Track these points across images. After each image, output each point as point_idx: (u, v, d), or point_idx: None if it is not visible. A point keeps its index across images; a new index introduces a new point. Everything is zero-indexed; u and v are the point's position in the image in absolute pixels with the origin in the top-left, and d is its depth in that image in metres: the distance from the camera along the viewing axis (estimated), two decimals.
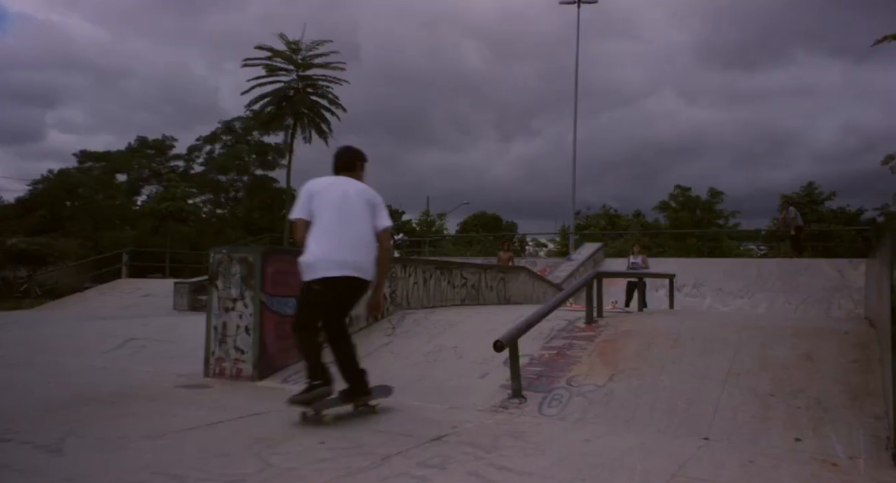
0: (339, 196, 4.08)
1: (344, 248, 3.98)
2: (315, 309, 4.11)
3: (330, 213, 4.02)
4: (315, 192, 4.11)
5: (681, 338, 5.70)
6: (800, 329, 5.67)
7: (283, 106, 29.86)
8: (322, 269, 3.97)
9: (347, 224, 4.02)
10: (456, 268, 8.69)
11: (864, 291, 15.96)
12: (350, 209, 4.06)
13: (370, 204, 4.17)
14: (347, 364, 4.26)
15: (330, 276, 3.95)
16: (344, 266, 3.97)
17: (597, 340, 5.87)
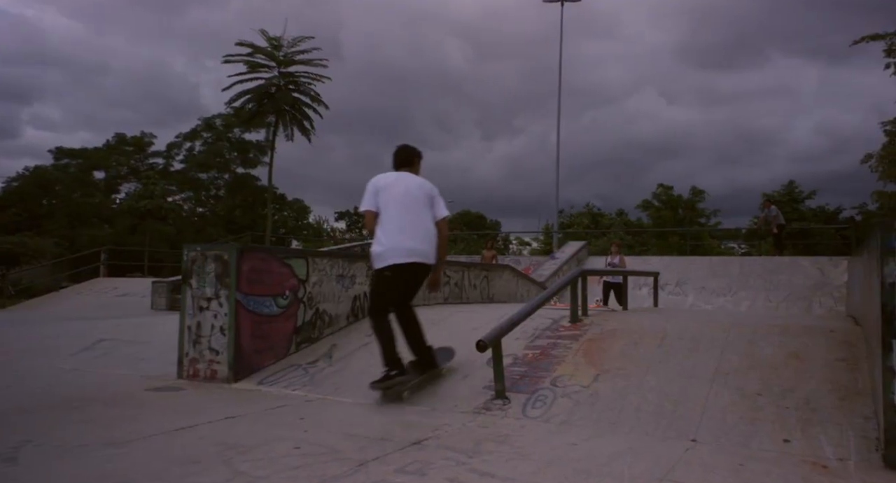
0: (402, 191, 4.56)
1: (409, 237, 4.46)
2: (387, 294, 4.60)
3: (395, 207, 4.50)
4: (380, 187, 4.57)
5: (667, 336, 5.60)
6: (786, 327, 5.60)
7: (264, 103, 29.45)
8: (392, 257, 4.47)
9: (411, 216, 4.50)
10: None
11: (844, 289, 16.15)
12: (412, 202, 4.53)
13: (429, 196, 4.66)
14: (416, 341, 4.83)
15: (399, 262, 4.46)
16: (411, 254, 4.47)
17: (582, 339, 5.75)
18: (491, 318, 6.29)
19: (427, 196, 4.64)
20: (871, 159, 18.44)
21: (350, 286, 6.81)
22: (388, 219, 4.49)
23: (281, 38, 28.82)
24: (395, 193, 4.53)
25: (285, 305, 5.95)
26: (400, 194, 4.53)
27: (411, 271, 4.55)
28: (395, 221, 4.47)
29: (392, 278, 4.52)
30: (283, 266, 5.98)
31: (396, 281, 4.54)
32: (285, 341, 5.93)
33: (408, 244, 4.47)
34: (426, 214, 4.61)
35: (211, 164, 33.43)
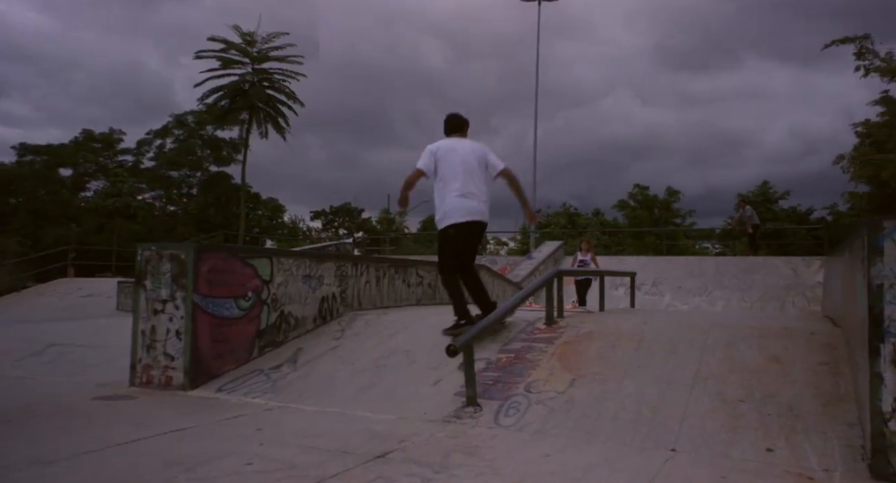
0: (459, 157, 5.00)
1: (468, 199, 4.92)
2: (452, 251, 5.12)
3: (454, 172, 4.93)
4: (439, 155, 5.01)
5: (645, 339, 5.42)
6: (766, 329, 5.46)
7: (237, 100, 28.88)
8: (454, 216, 4.95)
9: (469, 179, 4.94)
10: (411, 266, 8.28)
11: (817, 289, 16.27)
12: (469, 167, 4.98)
13: (482, 158, 5.10)
14: (479, 293, 5.38)
15: (461, 221, 4.95)
16: (469, 213, 4.96)
17: (557, 342, 5.55)
18: None
19: (480, 159, 5.10)
20: (843, 160, 18.66)
21: (317, 287, 6.53)
22: (449, 183, 4.95)
23: (254, 33, 28.28)
24: (453, 160, 4.97)
25: (247, 307, 5.65)
26: (458, 161, 4.98)
27: (470, 229, 5.05)
28: (456, 185, 4.94)
29: (454, 236, 5.05)
30: (245, 266, 5.68)
31: (458, 238, 5.07)
32: (247, 345, 5.63)
33: (467, 205, 4.96)
34: (481, 176, 5.07)
35: (182, 162, 32.64)
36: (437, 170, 5.03)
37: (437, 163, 5.02)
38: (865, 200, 18.69)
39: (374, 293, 7.48)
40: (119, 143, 32.11)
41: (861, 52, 17.98)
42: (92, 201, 30.54)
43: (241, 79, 29.01)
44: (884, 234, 3.34)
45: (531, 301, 8.09)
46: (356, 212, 43.38)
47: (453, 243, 5.12)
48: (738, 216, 19.32)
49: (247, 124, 29.81)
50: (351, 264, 7.11)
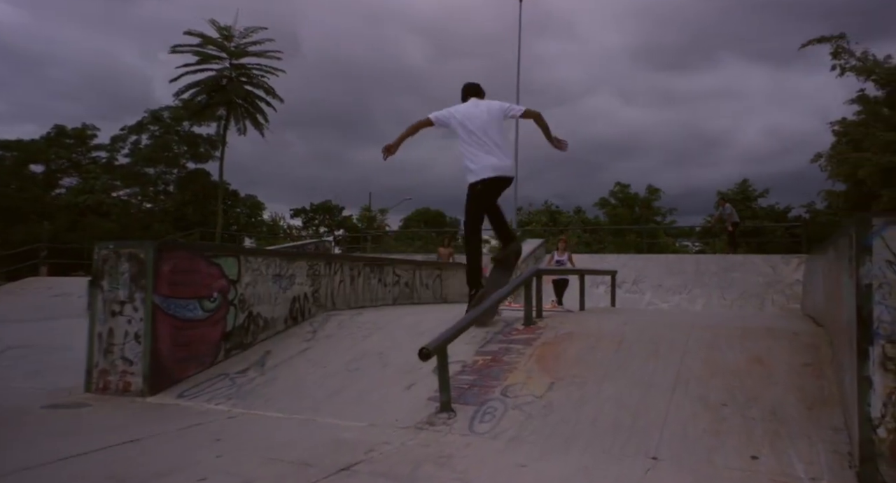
0: (479, 116, 5.21)
1: (494, 156, 5.12)
2: (481, 205, 5.32)
3: (478, 131, 5.14)
4: (459, 116, 5.24)
5: (625, 340, 5.27)
6: (748, 329, 5.33)
7: (214, 95, 28.37)
8: (481, 173, 5.12)
9: (490, 135, 5.14)
10: (388, 265, 8.07)
11: (796, 287, 16.31)
12: (490, 124, 5.17)
13: (500, 112, 5.28)
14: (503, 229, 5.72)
15: (487, 177, 5.12)
16: (495, 169, 5.13)
17: (536, 344, 5.37)
18: (441, 320, 5.87)
19: (498, 117, 5.29)
20: (821, 159, 18.76)
21: (288, 287, 6.29)
22: (472, 142, 5.16)
23: (232, 28, 27.78)
24: (475, 120, 5.19)
25: (213, 309, 5.40)
26: (479, 120, 5.19)
27: (497, 183, 5.24)
28: (480, 143, 5.15)
29: (482, 190, 5.23)
30: (210, 265, 5.43)
31: (486, 192, 5.26)
32: (212, 348, 5.38)
33: (492, 161, 5.15)
34: (502, 131, 5.27)
35: (158, 159, 31.96)
36: (459, 131, 5.23)
37: (458, 123, 5.23)
38: (842, 199, 18.82)
39: (348, 293, 7.25)
40: (93, 138, 31.37)
41: (837, 52, 18.09)
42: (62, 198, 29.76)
43: (218, 74, 28.51)
44: (872, 231, 3.20)
45: (510, 300, 7.92)
46: (337, 210, 42.96)
47: (480, 199, 5.30)
48: (718, 214, 19.34)
49: (224, 120, 29.29)
50: (324, 263, 6.88)
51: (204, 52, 27.92)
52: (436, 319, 6.25)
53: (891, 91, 17.57)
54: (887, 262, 3.16)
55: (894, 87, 17.40)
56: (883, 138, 16.90)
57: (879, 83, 17.65)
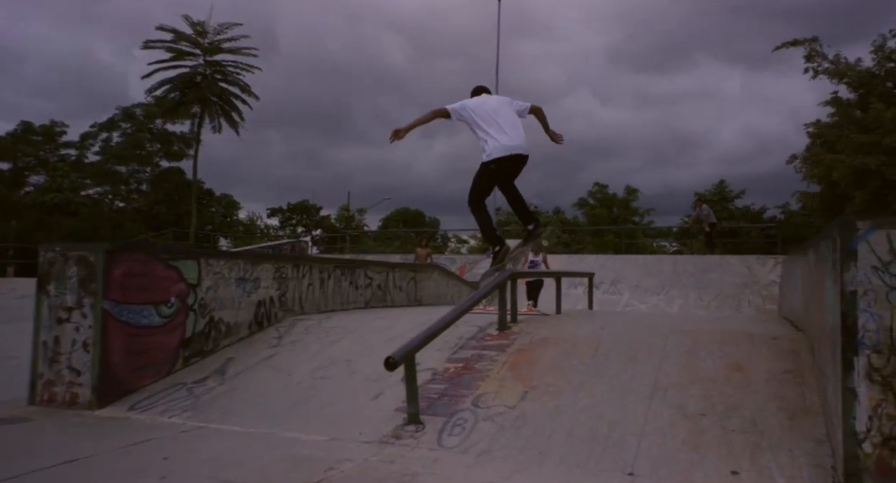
0: (492, 105, 5.56)
1: (507, 138, 5.35)
2: (487, 184, 5.60)
3: (491, 118, 5.43)
4: (471, 108, 5.52)
5: (602, 345, 5.10)
6: (727, 334, 5.19)
7: (188, 92, 27.79)
8: (494, 152, 5.33)
9: (504, 121, 5.43)
10: (359, 267, 7.82)
11: (772, 287, 16.38)
12: (502, 111, 5.51)
13: (510, 103, 5.66)
14: (522, 208, 5.89)
15: (501, 156, 5.34)
16: (509, 149, 5.35)
17: (510, 350, 5.18)
18: (414, 324, 5.67)
19: (509, 104, 5.65)
20: (796, 160, 18.88)
21: (253, 291, 6.02)
22: (487, 128, 5.42)
23: (206, 23, 27.21)
24: (487, 109, 5.50)
25: (170, 314, 5.11)
26: (491, 108, 5.52)
27: (512, 161, 5.44)
28: (494, 127, 5.40)
29: (494, 170, 5.43)
30: (168, 269, 5.14)
31: (497, 172, 5.46)
32: (169, 356, 5.09)
33: (506, 142, 5.36)
34: (514, 116, 5.55)
35: (130, 157, 31.17)
36: (472, 122, 5.49)
37: (469, 115, 5.50)
38: (817, 200, 18.95)
39: (317, 296, 6.99)
40: (62, 135, 30.49)
41: (810, 55, 18.24)
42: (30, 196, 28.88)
43: (192, 70, 27.92)
44: (857, 235, 3.06)
45: (485, 303, 7.72)
46: (314, 209, 42.45)
47: (490, 177, 5.53)
48: (696, 215, 19.36)
49: (198, 118, 28.70)
50: (291, 265, 6.61)
51: (177, 48, 27.31)
52: (408, 323, 6.03)
53: (863, 94, 17.75)
54: (873, 267, 3.02)
55: (866, 90, 17.57)
56: (856, 140, 17.05)
57: (852, 86, 17.83)
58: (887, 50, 17.41)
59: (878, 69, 17.68)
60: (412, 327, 5.45)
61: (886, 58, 17.55)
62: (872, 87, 17.68)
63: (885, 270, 3.00)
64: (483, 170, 5.47)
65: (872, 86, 17.67)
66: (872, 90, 17.65)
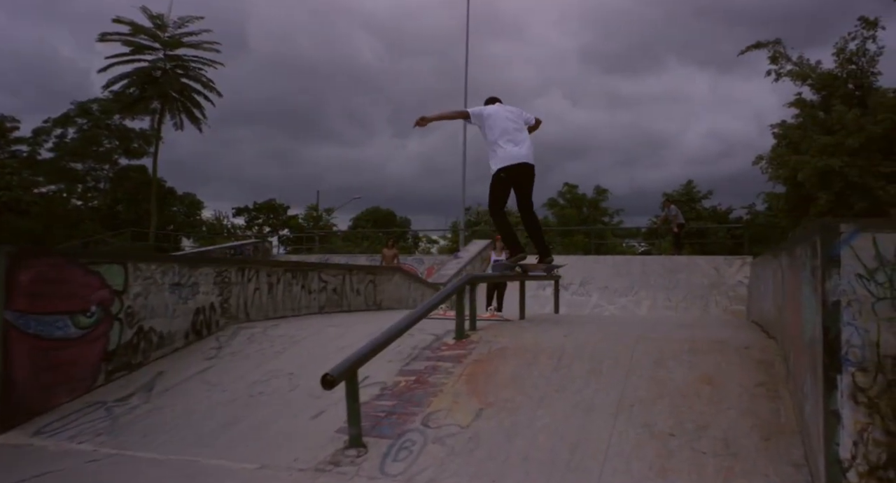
0: (504, 115, 5.81)
1: (516, 145, 5.65)
2: (501, 192, 5.76)
3: (502, 127, 5.72)
4: (486, 114, 5.80)
5: (565, 355, 4.76)
6: (696, 342, 4.89)
7: (147, 87, 26.83)
8: (505, 160, 5.60)
9: (513, 130, 5.71)
10: (312, 269, 7.35)
11: (739, 288, 16.35)
12: (513, 121, 5.78)
13: (520, 114, 5.95)
14: (537, 233, 6.12)
15: (510, 164, 5.60)
16: (517, 157, 5.62)
17: (467, 361, 4.81)
18: (368, 331, 5.26)
19: (519, 115, 5.95)
20: (762, 161, 18.94)
21: (191, 297, 5.53)
22: (498, 136, 5.72)
23: (165, 16, 26.29)
24: (500, 118, 5.80)
25: (89, 325, 4.60)
26: (503, 118, 5.80)
27: (520, 170, 5.71)
28: (506, 136, 5.71)
29: (504, 178, 5.71)
30: (88, 274, 4.63)
31: (508, 180, 5.73)
32: (89, 372, 4.59)
33: (514, 151, 5.67)
34: (523, 126, 5.88)
35: (86, 153, 29.95)
36: (485, 128, 5.80)
37: (485, 121, 5.81)
38: (783, 201, 19.03)
39: (265, 302, 6.52)
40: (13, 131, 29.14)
41: (774, 57, 18.31)
42: None
43: (151, 65, 26.96)
44: (840, 240, 2.75)
45: (444, 308, 7.33)
46: (281, 209, 41.56)
47: (503, 185, 5.77)
48: (664, 215, 19.31)
49: (158, 114, 27.74)
50: (236, 269, 6.13)
51: (136, 41, 26.32)
52: (362, 331, 5.62)
53: (826, 96, 17.87)
54: (857, 276, 2.71)
55: (829, 92, 17.70)
56: (820, 141, 17.14)
57: (815, 88, 17.95)
58: (848, 52, 17.56)
59: (841, 71, 17.83)
60: (365, 335, 5.03)
61: (848, 60, 17.70)
62: (835, 88, 17.82)
63: (871, 279, 2.69)
64: (495, 178, 5.78)
65: (835, 87, 17.81)
66: (835, 92, 17.79)
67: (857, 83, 17.90)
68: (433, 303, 4.90)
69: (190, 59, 27.73)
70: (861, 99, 17.81)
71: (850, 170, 16.54)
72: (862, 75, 17.64)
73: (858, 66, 17.50)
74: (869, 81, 17.75)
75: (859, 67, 17.52)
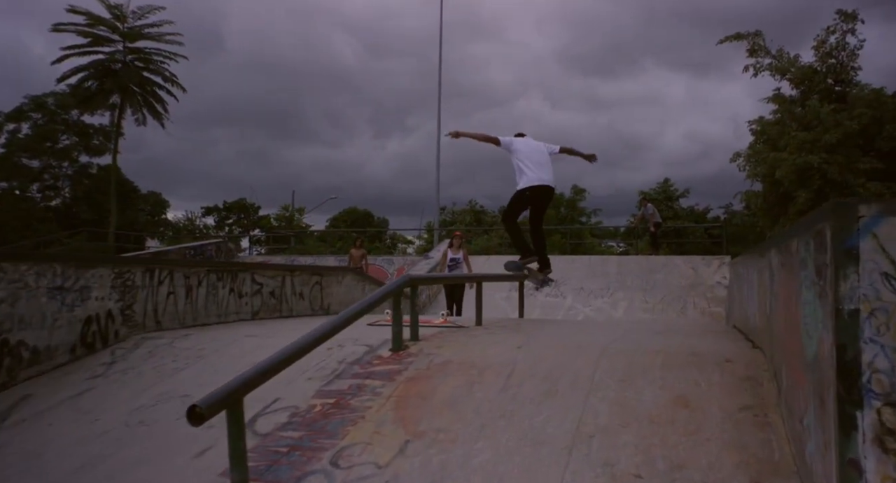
0: (533, 147, 6.64)
1: (540, 170, 6.46)
2: (521, 207, 6.61)
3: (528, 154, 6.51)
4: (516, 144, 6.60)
5: (516, 372, 4.00)
6: (670, 355, 4.17)
7: (105, 81, 25.62)
8: (531, 181, 6.38)
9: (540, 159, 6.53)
10: (243, 270, 6.51)
11: (717, 289, 15.83)
12: (539, 152, 6.60)
13: (545, 147, 6.72)
14: (542, 247, 6.84)
15: (534, 185, 6.39)
16: (541, 180, 6.41)
17: (399, 379, 4.03)
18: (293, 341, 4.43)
19: (544, 147, 6.67)
20: (739, 158, 18.39)
21: (79, 303, 4.68)
22: (528, 162, 6.40)
23: (124, 6, 25.10)
24: (527, 147, 6.53)
25: None
26: (530, 148, 6.54)
27: (542, 191, 6.42)
28: (533, 163, 6.40)
29: (529, 196, 6.39)
30: None
31: (532, 198, 6.43)
32: None
33: (539, 174, 6.37)
34: (547, 158, 6.58)
35: (41, 150, 28.59)
36: (514, 154, 6.50)
37: (514, 150, 6.52)
38: (761, 199, 18.50)
39: (182, 308, 5.67)
40: None
41: (754, 49, 17.78)
42: None
43: (109, 57, 25.74)
44: (859, 227, 2.02)
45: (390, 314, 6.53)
46: (252, 208, 40.33)
47: (525, 202, 6.50)
48: (641, 214, 18.72)
49: (119, 109, 26.53)
50: (142, 271, 5.28)
51: (92, 32, 25.07)
52: (285, 341, 4.80)
53: (804, 91, 17.37)
54: (884, 275, 1.98)
55: (808, 87, 17.21)
56: (799, 138, 16.64)
57: (794, 83, 17.44)
58: (828, 46, 17.09)
59: (820, 65, 17.35)
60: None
61: (828, 54, 17.23)
62: (814, 83, 17.33)
63: None
64: (518, 195, 6.49)
65: (814, 82, 17.33)
66: (815, 87, 17.30)
67: (837, 78, 17.43)
68: (362, 306, 4.10)
69: (152, 52, 26.55)
70: (841, 94, 17.35)
71: (828, 167, 16.07)
72: (842, 70, 17.16)
73: (838, 60, 17.02)
74: (849, 76, 17.29)
75: (839, 62, 17.04)
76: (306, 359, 3.96)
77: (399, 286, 4.61)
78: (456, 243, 9.47)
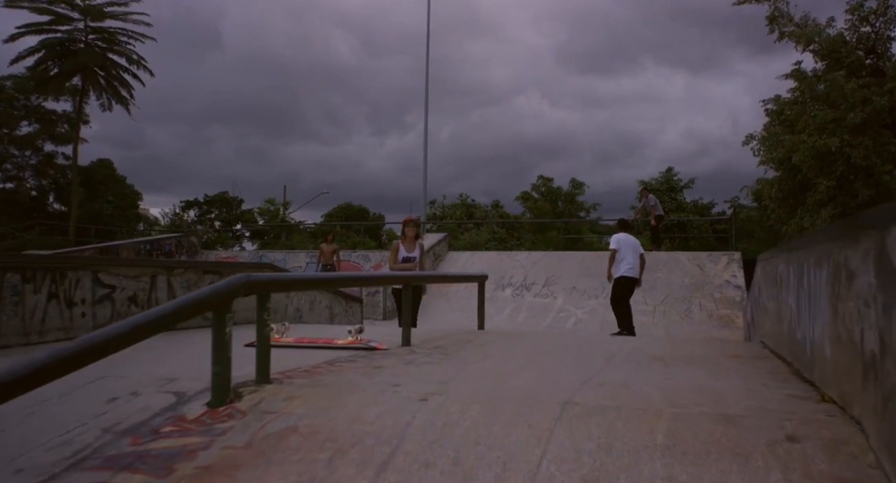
0: (631, 245, 8.91)
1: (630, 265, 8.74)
2: (623, 291, 8.85)
3: (628, 252, 8.80)
4: (621, 242, 8.90)
5: (398, 454, 2.17)
6: (680, 419, 2.32)
7: (64, 62, 23.75)
8: (625, 271, 8.68)
9: (632, 256, 8.81)
10: (82, 267, 4.64)
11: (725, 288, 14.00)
12: (632, 251, 8.86)
13: (636, 245, 9.02)
14: (628, 321, 8.88)
15: (627, 275, 8.69)
16: (631, 271, 8.74)
17: (182, 473, 2.18)
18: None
19: (636, 246, 8.97)
20: (752, 140, 16.38)
21: None
22: (625, 256, 8.79)
23: None
24: (627, 246, 8.84)
25: None
26: (628, 246, 8.84)
27: (628, 279, 8.74)
28: (628, 258, 8.77)
29: (623, 282, 8.75)
30: None
31: (626, 283, 8.76)
32: None
33: (630, 267, 8.72)
34: (636, 254, 8.86)
35: None
36: (621, 248, 8.80)
37: (622, 247, 8.80)
38: (775, 188, 16.48)
39: None
40: None
41: (773, 17, 15.75)
42: None
43: (68, 36, 23.85)
44: None
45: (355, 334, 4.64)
46: (235, 202, 38.45)
47: (620, 286, 8.81)
48: (641, 206, 16.74)
49: (80, 93, 24.67)
50: None
51: (48, 8, 23.15)
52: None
53: (830, 64, 15.32)
54: None
55: (834, 60, 15.15)
56: (819, 118, 14.57)
57: (819, 54, 15.36)
58: (866, 10, 14.89)
59: (851, 34, 15.25)
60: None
61: (863, 19, 15.05)
62: (842, 55, 15.21)
63: None
64: (616, 281, 8.78)
65: (843, 54, 15.21)
66: (843, 59, 15.17)
67: (870, 48, 15.26)
68: (96, 340, 2.24)
69: (116, 31, 24.63)
70: (874, 68, 15.26)
71: (851, 150, 14.07)
72: (877, 39, 15.00)
73: (875, 27, 14.86)
74: (885, 47, 15.12)
75: (875, 30, 14.89)
76: (55, 422, 2.15)
77: (217, 293, 2.76)
78: (410, 234, 7.36)
